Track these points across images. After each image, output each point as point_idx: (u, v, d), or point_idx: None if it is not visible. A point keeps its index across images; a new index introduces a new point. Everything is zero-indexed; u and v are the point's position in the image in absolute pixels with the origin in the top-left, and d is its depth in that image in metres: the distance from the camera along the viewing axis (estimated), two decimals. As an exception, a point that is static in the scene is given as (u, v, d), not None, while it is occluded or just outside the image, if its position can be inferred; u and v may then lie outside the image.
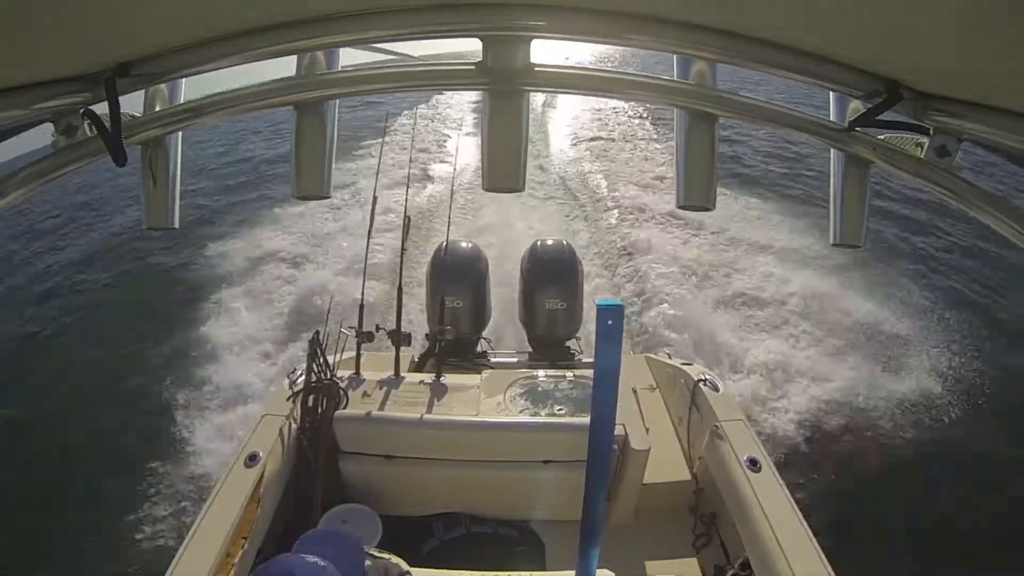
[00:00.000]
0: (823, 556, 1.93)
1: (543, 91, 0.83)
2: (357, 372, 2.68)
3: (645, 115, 15.17)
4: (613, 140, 13.21)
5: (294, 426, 2.46)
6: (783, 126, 0.84)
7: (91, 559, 3.63)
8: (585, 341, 3.74)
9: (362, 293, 3.06)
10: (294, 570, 1.03)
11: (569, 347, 3.67)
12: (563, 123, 14.98)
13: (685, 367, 3.03)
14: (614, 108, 16.14)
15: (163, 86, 0.85)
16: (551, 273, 3.57)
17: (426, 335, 3.29)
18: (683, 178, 0.86)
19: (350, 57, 0.88)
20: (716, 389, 2.76)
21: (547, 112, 15.77)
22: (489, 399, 2.55)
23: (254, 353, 5.55)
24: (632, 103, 13.82)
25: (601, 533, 1.39)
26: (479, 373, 2.80)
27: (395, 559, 1.62)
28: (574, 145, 13.04)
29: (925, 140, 0.77)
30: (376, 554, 1.62)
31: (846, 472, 4.04)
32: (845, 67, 0.70)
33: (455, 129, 13.59)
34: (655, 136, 13.11)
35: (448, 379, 2.66)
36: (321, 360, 2.48)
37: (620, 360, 1.18)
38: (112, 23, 0.59)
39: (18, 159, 0.75)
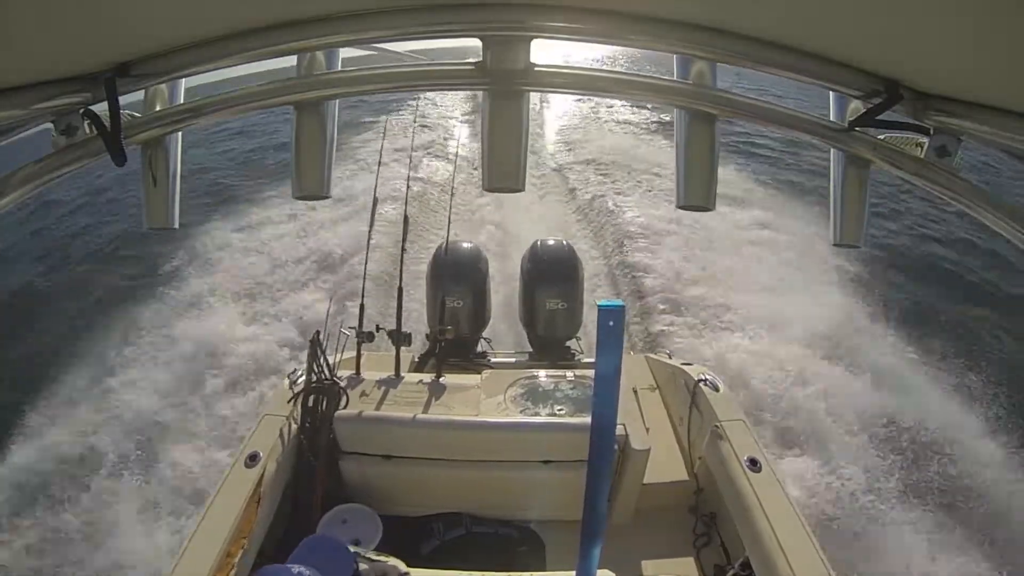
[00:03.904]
0: (823, 556, 1.93)
1: (543, 91, 0.82)
2: (357, 372, 2.68)
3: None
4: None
5: (294, 426, 2.46)
6: (783, 126, 0.83)
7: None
8: (585, 341, 3.74)
9: (362, 293, 3.07)
10: None
11: (569, 347, 3.67)
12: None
13: (685, 367, 3.03)
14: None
15: (163, 86, 0.85)
16: (551, 273, 3.57)
17: (426, 335, 3.30)
18: (683, 178, 0.86)
19: (350, 57, 0.88)
20: (716, 389, 2.76)
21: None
22: (489, 399, 2.55)
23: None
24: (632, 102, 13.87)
25: (602, 533, 1.39)
26: (479, 373, 2.80)
27: (393, 561, 1.62)
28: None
29: (925, 140, 0.77)
30: (374, 557, 1.62)
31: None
32: (845, 67, 0.70)
33: (454, 129, 13.61)
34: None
35: (448, 379, 2.66)
36: (321, 360, 2.48)
37: (621, 361, 1.18)
38: (112, 23, 0.59)
39: (18, 159, 0.75)
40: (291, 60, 0.82)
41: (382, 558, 1.62)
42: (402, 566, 1.62)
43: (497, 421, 2.39)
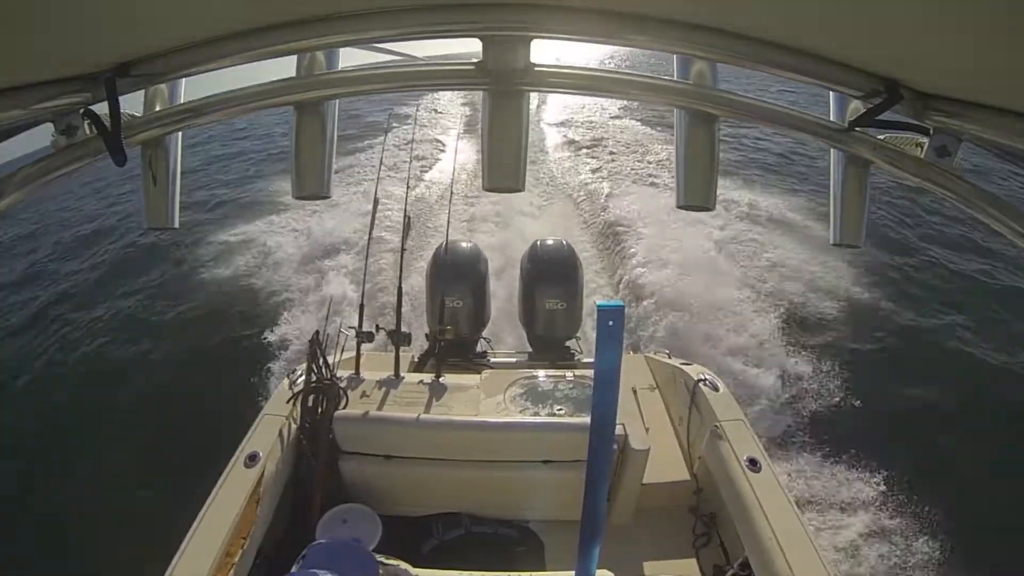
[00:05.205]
0: (823, 556, 1.93)
1: (543, 91, 0.82)
2: (357, 372, 2.68)
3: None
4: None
5: (294, 426, 2.46)
6: (783, 126, 0.84)
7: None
8: (585, 341, 3.74)
9: (362, 293, 3.07)
10: None
11: (569, 347, 3.67)
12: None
13: (685, 367, 3.03)
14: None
15: (163, 86, 0.85)
16: (551, 273, 3.57)
17: (426, 335, 3.30)
18: (683, 178, 0.86)
19: (350, 57, 0.89)
20: (716, 389, 2.76)
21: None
22: (489, 399, 2.55)
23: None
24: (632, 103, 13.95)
25: (602, 533, 1.39)
26: (479, 373, 2.80)
27: (403, 565, 1.62)
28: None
29: (925, 140, 0.77)
30: (384, 561, 1.62)
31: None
32: (845, 67, 0.70)
33: (454, 129, 13.63)
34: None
35: (448, 379, 2.66)
36: (321, 360, 2.48)
37: (620, 361, 1.18)
38: (112, 23, 0.59)
39: (18, 159, 0.75)
40: (291, 60, 0.82)
41: (392, 561, 1.62)
42: (411, 569, 1.62)
43: (497, 421, 2.39)
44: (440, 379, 2.65)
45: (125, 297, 7.64)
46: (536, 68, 0.78)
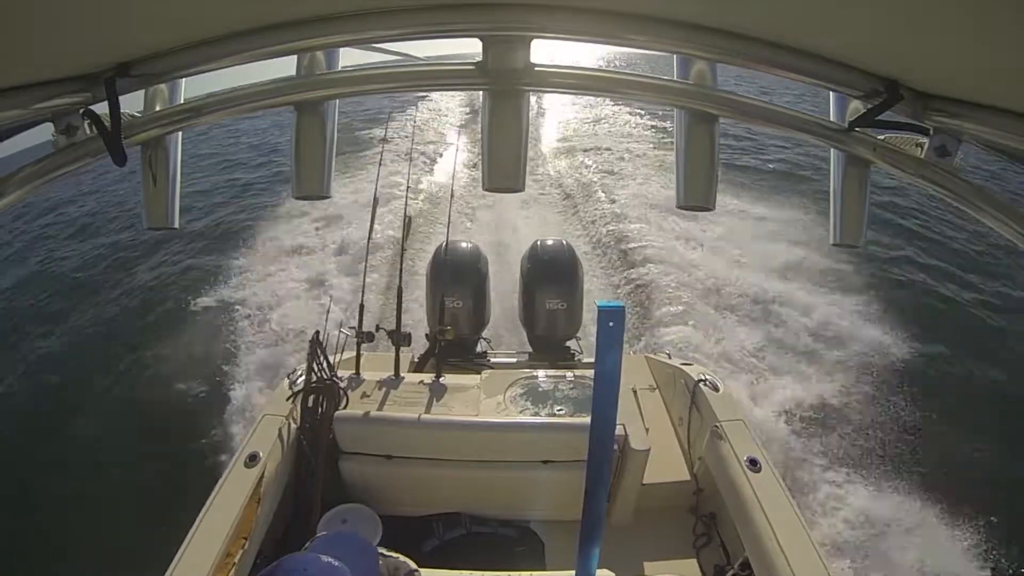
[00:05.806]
0: (823, 556, 1.93)
1: (543, 91, 0.82)
2: (357, 372, 2.68)
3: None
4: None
5: (294, 426, 2.46)
6: (783, 126, 0.84)
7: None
8: (585, 341, 3.74)
9: (362, 293, 3.07)
10: (307, 567, 1.03)
11: (569, 347, 3.67)
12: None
13: (685, 367, 3.03)
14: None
15: (163, 86, 0.85)
16: (551, 273, 3.57)
17: (426, 335, 3.30)
18: (683, 178, 0.86)
19: (350, 57, 0.89)
20: (716, 389, 2.76)
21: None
22: (489, 399, 2.55)
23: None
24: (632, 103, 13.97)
25: (602, 533, 1.39)
26: (479, 373, 2.80)
27: (403, 558, 1.62)
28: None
29: (925, 140, 0.77)
30: (385, 553, 1.62)
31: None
32: (845, 67, 0.70)
33: (455, 128, 13.63)
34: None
35: (448, 379, 2.66)
36: (321, 360, 2.48)
37: (621, 361, 1.18)
38: (112, 23, 0.59)
39: (18, 159, 0.75)
40: (291, 60, 0.82)
41: (392, 554, 1.62)
42: (411, 563, 1.62)
43: (497, 421, 2.39)
44: (440, 379, 2.65)
45: (123, 291, 7.67)
46: (536, 68, 0.78)
